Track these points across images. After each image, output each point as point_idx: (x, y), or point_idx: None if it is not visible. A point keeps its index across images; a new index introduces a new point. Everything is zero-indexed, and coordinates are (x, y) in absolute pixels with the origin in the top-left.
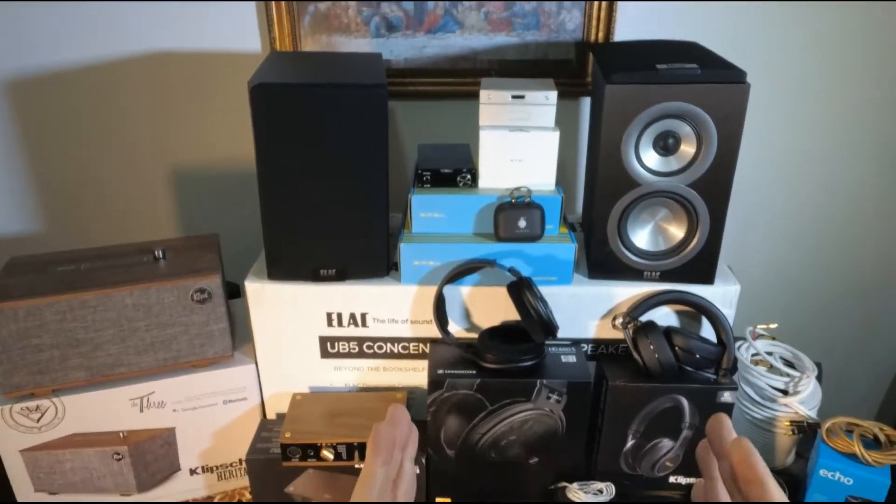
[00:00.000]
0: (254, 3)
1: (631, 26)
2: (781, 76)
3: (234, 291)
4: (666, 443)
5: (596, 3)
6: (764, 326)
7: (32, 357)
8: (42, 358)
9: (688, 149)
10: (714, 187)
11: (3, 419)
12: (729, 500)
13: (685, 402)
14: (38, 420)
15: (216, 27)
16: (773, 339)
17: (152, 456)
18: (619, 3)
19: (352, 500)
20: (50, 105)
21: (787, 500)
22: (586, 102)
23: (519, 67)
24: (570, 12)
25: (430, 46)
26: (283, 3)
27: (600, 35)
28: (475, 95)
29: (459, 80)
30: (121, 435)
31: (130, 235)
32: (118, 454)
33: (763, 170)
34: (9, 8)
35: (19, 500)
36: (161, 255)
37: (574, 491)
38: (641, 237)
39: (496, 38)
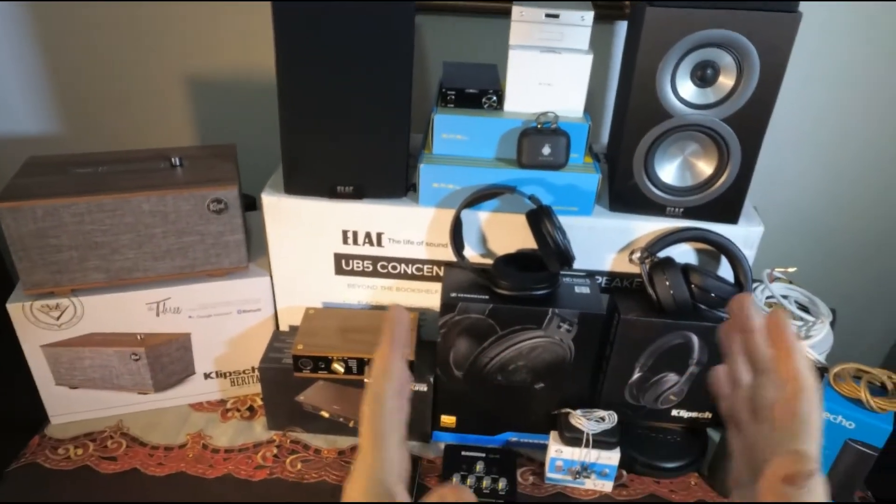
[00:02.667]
0: None
1: None
2: (827, 14)
3: (251, 203)
4: (671, 377)
5: None
6: (782, 270)
7: (51, 256)
8: (61, 258)
9: (726, 81)
10: (749, 123)
11: (25, 315)
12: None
13: (695, 340)
14: (58, 318)
15: None
16: (791, 283)
17: (168, 358)
18: None
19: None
20: (69, 6)
21: (807, 370)
22: (622, 27)
23: None
24: None
25: None
26: None
27: None
28: (507, 13)
29: None
30: (138, 337)
31: (147, 140)
32: (135, 355)
33: (796, 109)
34: None
35: (41, 392)
36: (178, 163)
37: (577, 417)
38: (668, 171)
39: None
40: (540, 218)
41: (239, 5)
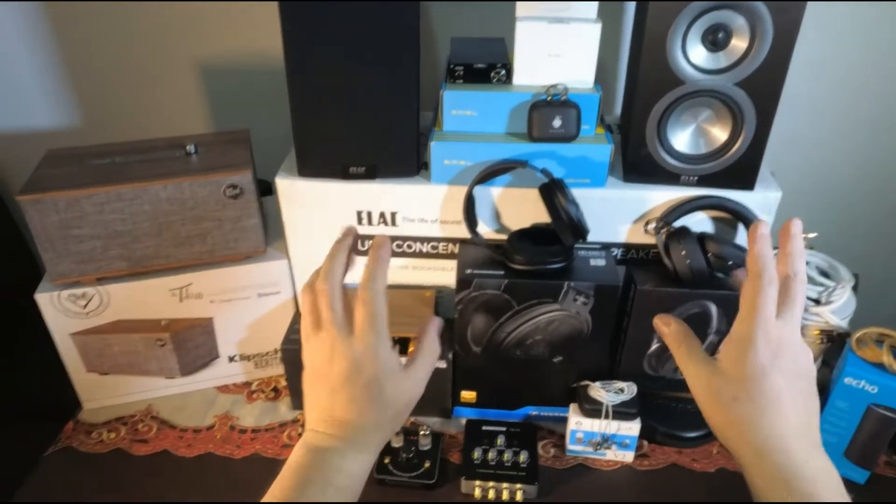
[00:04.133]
0: None
1: None
2: None
3: (266, 188)
4: None
5: None
6: (802, 235)
7: (75, 247)
8: (84, 248)
9: (739, 43)
10: (763, 87)
11: (53, 304)
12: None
13: (713, 308)
14: (85, 307)
15: None
16: (812, 248)
17: (193, 343)
18: None
19: None
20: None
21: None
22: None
23: None
24: None
25: None
26: None
27: None
28: None
29: None
30: (162, 323)
31: (161, 129)
32: (161, 340)
33: (812, 69)
34: None
35: (73, 379)
36: (193, 151)
37: (596, 389)
38: (681, 139)
39: None
40: (552, 191)
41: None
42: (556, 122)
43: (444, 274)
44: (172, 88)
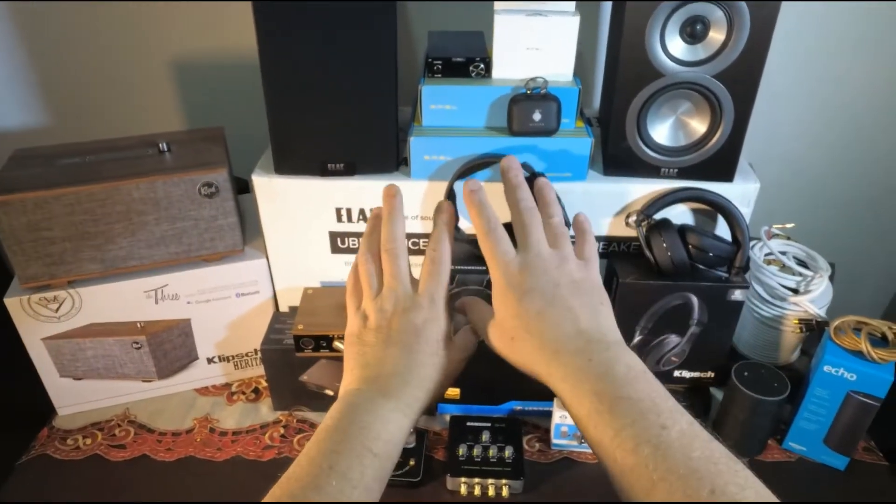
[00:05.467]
0: None
1: None
2: None
3: (243, 187)
4: (673, 338)
5: None
6: (780, 226)
7: (45, 249)
8: (55, 250)
9: (717, 35)
10: (741, 79)
11: (23, 309)
12: None
13: (694, 300)
14: (57, 310)
15: None
16: (789, 238)
17: (170, 345)
18: None
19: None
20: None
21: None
22: None
23: None
24: None
25: None
26: None
27: None
28: None
29: None
30: (138, 325)
31: (135, 128)
32: (137, 343)
33: (790, 61)
34: None
35: (46, 384)
36: (166, 149)
37: None
38: (661, 132)
39: None
40: (533, 186)
41: None
42: (537, 116)
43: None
44: (146, 86)
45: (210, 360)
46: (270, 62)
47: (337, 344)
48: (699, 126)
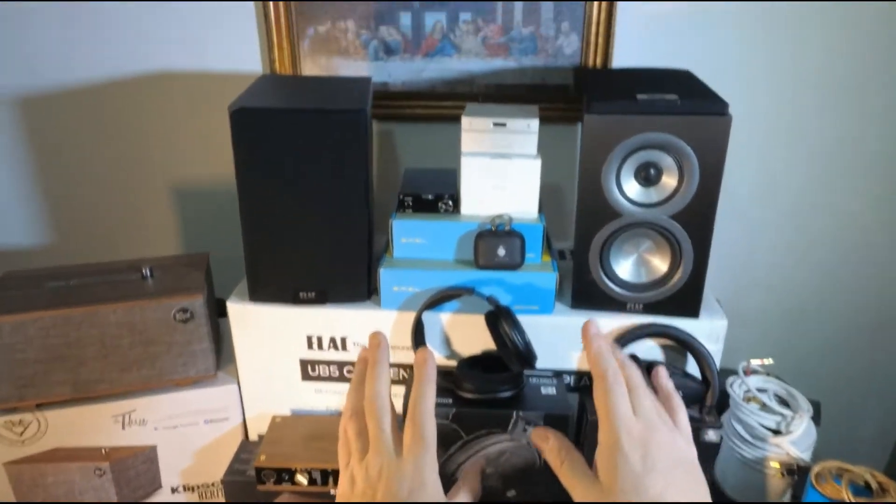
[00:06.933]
0: (255, 24)
1: (629, 53)
2: (779, 96)
3: (225, 309)
4: None
5: (594, 29)
6: (758, 362)
7: (17, 371)
8: (27, 372)
9: (669, 180)
10: (697, 219)
11: None
12: None
13: None
14: (22, 434)
15: (218, 48)
16: (769, 374)
17: (134, 472)
18: (616, 30)
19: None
20: (53, 122)
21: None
22: None
23: (516, 92)
24: (568, 37)
25: (428, 70)
26: (283, 25)
27: (598, 61)
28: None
29: (456, 103)
30: (102, 451)
31: (131, 250)
32: (100, 469)
33: (758, 195)
34: (16, 26)
35: None
36: (149, 273)
37: None
38: (624, 268)
39: (493, 62)
40: (498, 319)
41: (221, 118)
42: (501, 251)
43: (395, 401)
44: (143, 210)
45: (174, 490)
46: (247, 191)
47: (299, 477)
48: (661, 264)
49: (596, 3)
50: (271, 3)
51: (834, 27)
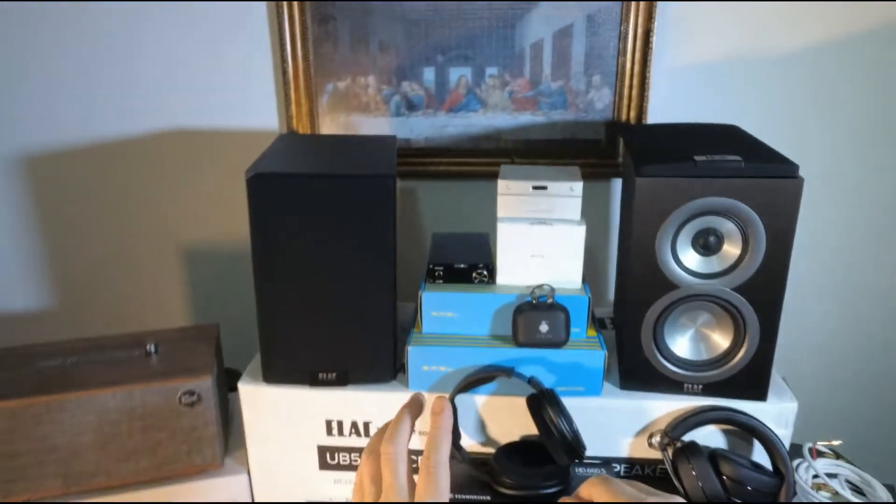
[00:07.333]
0: (272, 80)
1: (664, 107)
2: (831, 160)
3: (236, 381)
4: None
5: (627, 82)
6: (825, 443)
7: (6, 463)
8: (16, 465)
9: (731, 248)
10: (764, 291)
11: None
12: None
13: None
14: None
15: (234, 105)
16: (838, 457)
17: None
18: (651, 82)
19: None
20: (56, 181)
21: None
22: (618, 184)
23: (545, 147)
24: (600, 91)
25: (452, 125)
26: (301, 81)
27: (632, 115)
28: (495, 176)
29: (482, 160)
30: None
31: (137, 316)
32: None
33: (815, 262)
34: (20, 85)
35: None
36: (153, 349)
37: None
38: (681, 344)
39: (521, 117)
40: (541, 404)
41: (237, 179)
42: (543, 327)
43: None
44: (155, 273)
45: None
46: (263, 262)
47: None
48: (722, 340)
49: (629, 55)
50: (290, 59)
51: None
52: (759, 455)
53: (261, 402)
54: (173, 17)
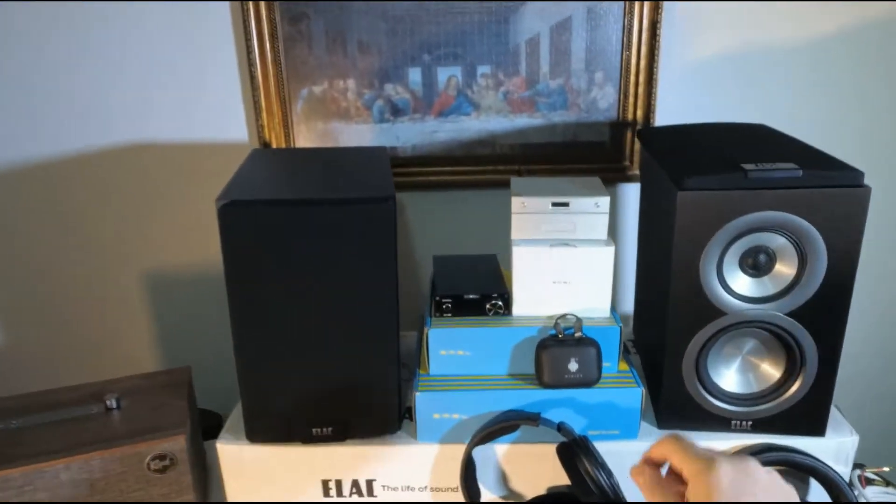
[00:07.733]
0: (238, 86)
1: (674, 104)
2: (875, 154)
3: (215, 426)
4: None
5: (633, 79)
6: (875, 470)
7: None
8: None
9: (784, 268)
10: (824, 317)
11: None
12: None
13: None
14: None
15: (197, 114)
16: (887, 484)
17: None
18: (659, 76)
19: None
20: (20, 202)
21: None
22: (625, 189)
23: (545, 151)
24: (603, 89)
25: (442, 131)
26: (272, 86)
27: (639, 115)
28: (495, 184)
29: (476, 167)
30: None
31: (95, 356)
32: None
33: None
34: None
35: None
36: (114, 405)
37: None
38: (728, 377)
39: (517, 119)
40: (574, 453)
41: (205, 195)
42: (573, 365)
43: None
44: (116, 305)
45: None
46: (238, 292)
47: None
48: (773, 369)
49: (635, 49)
50: (258, 62)
51: None
52: (816, 491)
53: (245, 464)
54: (124, 20)
